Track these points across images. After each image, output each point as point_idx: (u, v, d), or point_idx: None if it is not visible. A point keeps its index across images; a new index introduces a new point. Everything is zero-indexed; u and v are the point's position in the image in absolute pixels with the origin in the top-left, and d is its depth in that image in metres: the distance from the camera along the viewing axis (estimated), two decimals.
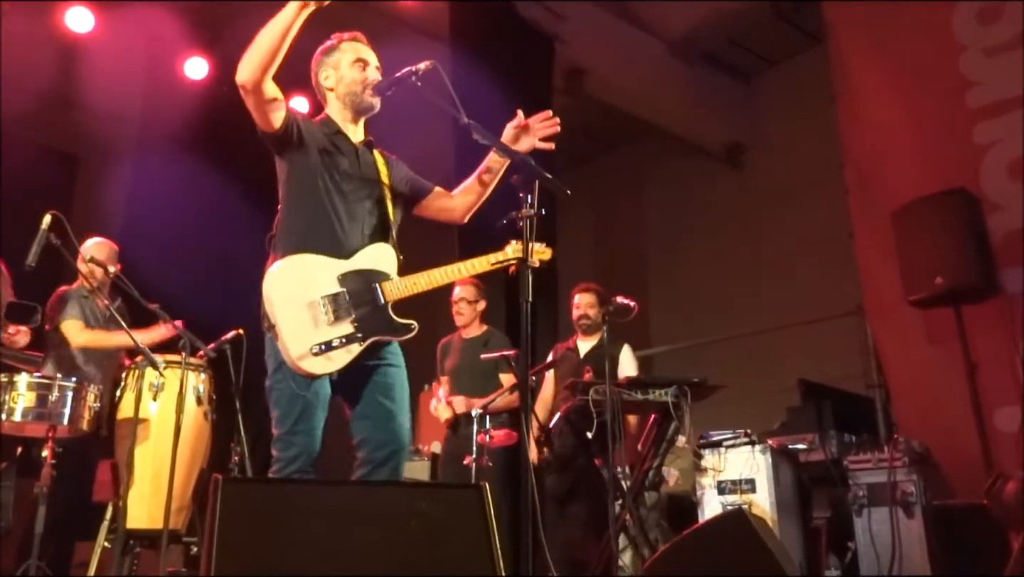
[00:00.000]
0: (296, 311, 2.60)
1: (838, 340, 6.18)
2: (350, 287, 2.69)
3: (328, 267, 2.70)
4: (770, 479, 4.28)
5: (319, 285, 2.66)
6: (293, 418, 2.60)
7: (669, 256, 8.95)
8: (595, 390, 4.07)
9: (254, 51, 2.61)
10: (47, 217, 3.42)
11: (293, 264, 2.67)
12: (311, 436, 2.61)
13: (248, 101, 2.66)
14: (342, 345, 2.62)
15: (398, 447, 2.72)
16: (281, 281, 2.64)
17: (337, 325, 2.63)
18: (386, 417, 2.72)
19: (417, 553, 1.91)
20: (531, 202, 2.46)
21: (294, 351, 2.56)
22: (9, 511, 3.79)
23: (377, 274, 2.77)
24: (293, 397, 2.60)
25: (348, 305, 2.67)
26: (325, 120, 2.93)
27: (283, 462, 2.59)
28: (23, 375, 3.51)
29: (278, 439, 2.62)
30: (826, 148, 6.46)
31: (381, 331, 2.71)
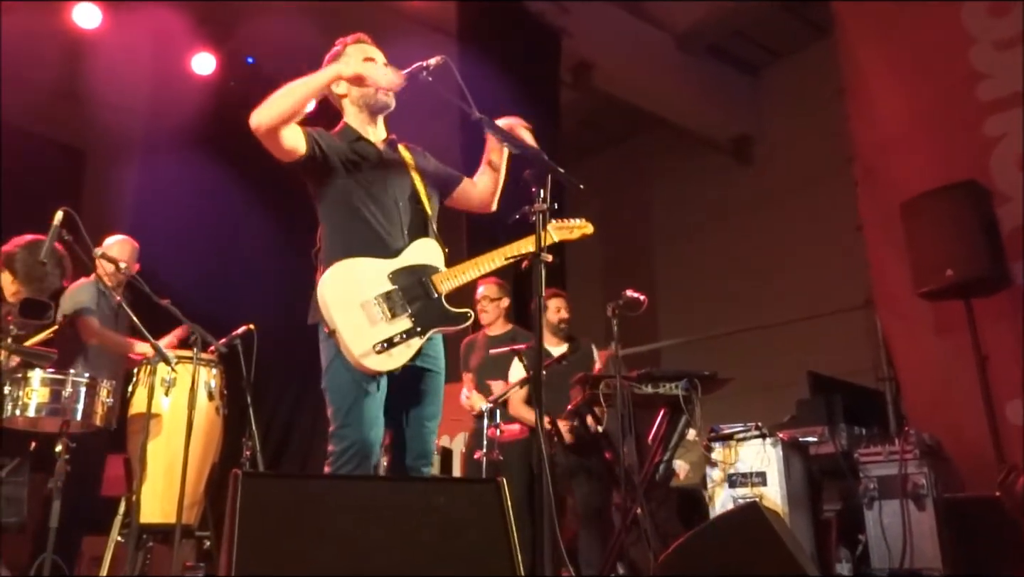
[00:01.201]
0: (352, 312, 2.63)
1: (847, 333, 6.18)
2: (401, 284, 2.72)
3: (377, 267, 2.72)
4: (781, 472, 4.27)
5: (371, 285, 2.69)
6: (344, 411, 2.62)
7: (676, 250, 8.94)
8: (605, 384, 4.07)
9: (278, 103, 2.63)
10: (59, 214, 3.43)
11: (343, 268, 2.69)
12: (363, 430, 2.61)
13: (265, 142, 2.68)
14: (403, 340, 2.64)
15: (425, 455, 2.79)
16: (333, 285, 2.66)
17: (395, 322, 2.66)
18: (419, 425, 2.79)
19: (435, 548, 1.91)
20: (544, 196, 2.46)
21: (357, 350, 2.59)
22: (23, 506, 3.80)
23: (426, 268, 2.79)
24: (346, 392, 2.63)
25: (402, 301, 2.69)
26: (343, 130, 2.93)
27: (335, 456, 2.61)
28: (37, 371, 3.51)
29: (333, 434, 2.65)
30: (834, 141, 6.46)
31: (438, 323, 2.75)
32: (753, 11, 7.63)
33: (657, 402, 4.30)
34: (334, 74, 2.77)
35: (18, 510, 3.97)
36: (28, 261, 3.82)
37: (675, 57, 8.09)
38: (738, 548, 2.45)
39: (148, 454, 3.79)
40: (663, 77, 8.07)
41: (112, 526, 3.89)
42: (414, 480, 2.47)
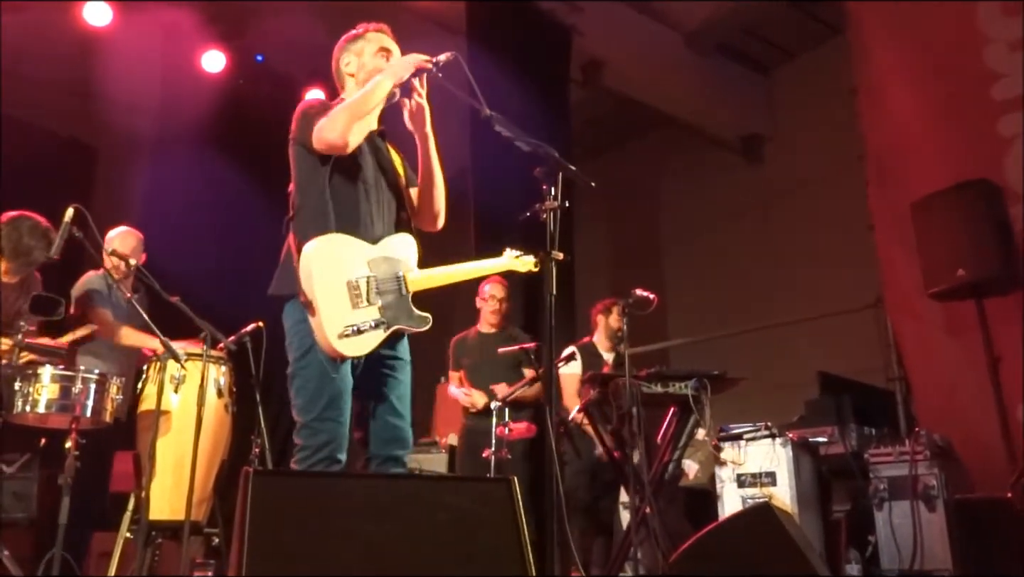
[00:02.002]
0: (334, 289, 2.58)
1: (857, 333, 6.14)
2: (378, 273, 2.69)
3: (360, 249, 2.69)
4: (791, 472, 4.25)
5: (352, 266, 2.65)
6: (322, 404, 2.56)
7: (686, 249, 8.92)
8: (615, 383, 4.06)
9: (349, 116, 2.65)
10: (70, 210, 3.43)
11: (330, 241, 2.64)
12: (340, 423, 2.57)
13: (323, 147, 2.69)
14: (370, 329, 2.60)
15: (404, 445, 2.75)
16: (320, 257, 2.60)
17: (367, 309, 2.62)
18: (393, 414, 2.74)
19: (446, 546, 1.90)
20: (554, 194, 2.45)
21: (330, 330, 2.53)
22: (33, 502, 3.82)
23: (401, 263, 2.77)
24: (322, 383, 2.57)
25: (376, 290, 2.66)
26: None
27: (309, 450, 2.54)
28: (47, 367, 3.52)
29: (304, 427, 2.58)
30: (845, 140, 6.43)
31: (402, 320, 2.71)
32: (764, 10, 7.60)
33: (666, 401, 4.29)
34: (395, 81, 2.72)
35: (27, 506, 3.98)
36: (13, 236, 3.83)
37: (685, 56, 8.06)
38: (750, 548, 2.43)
39: (157, 451, 3.79)
40: (673, 76, 8.04)
41: (121, 523, 3.89)
42: (425, 478, 2.46)
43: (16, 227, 3.85)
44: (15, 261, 3.87)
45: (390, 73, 2.74)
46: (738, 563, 2.41)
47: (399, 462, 2.71)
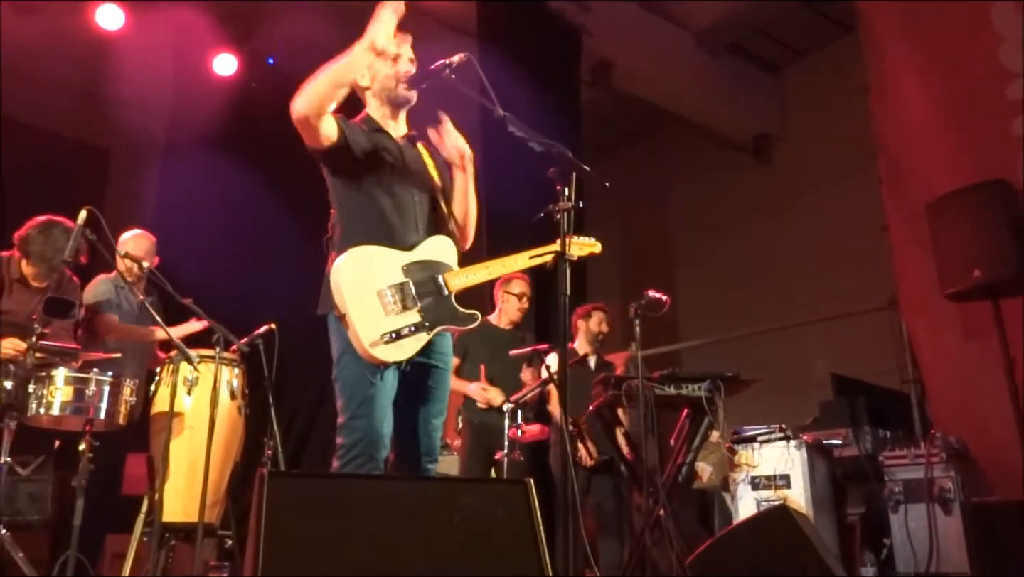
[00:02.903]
0: (365, 299, 2.61)
1: (871, 335, 6.11)
2: (414, 277, 2.71)
3: (392, 257, 2.72)
4: (805, 474, 4.24)
5: (385, 274, 2.68)
6: (356, 403, 2.61)
7: (697, 249, 8.90)
8: (627, 384, 4.04)
9: (320, 85, 2.63)
10: (83, 213, 3.44)
11: (359, 254, 2.67)
12: (372, 422, 2.60)
13: (305, 131, 2.67)
14: (411, 334, 2.63)
15: (430, 453, 2.78)
16: (349, 270, 2.64)
17: (405, 314, 2.65)
18: (425, 423, 2.77)
19: (463, 548, 1.89)
20: (569, 194, 2.44)
21: (365, 338, 2.57)
22: (48, 504, 3.83)
23: (439, 265, 2.79)
24: (357, 383, 2.62)
25: (414, 295, 2.68)
26: (365, 118, 2.93)
27: (344, 448, 2.60)
28: (60, 369, 3.53)
29: (342, 426, 2.64)
30: (857, 139, 6.40)
31: (446, 321, 2.74)
32: (774, 9, 7.57)
33: (680, 403, 4.27)
34: (367, 44, 2.71)
35: (42, 508, 3.99)
36: (39, 241, 3.85)
37: (695, 56, 8.04)
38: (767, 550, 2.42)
39: (170, 453, 3.79)
40: (683, 76, 8.03)
41: (135, 524, 3.90)
42: (441, 480, 2.45)
43: (44, 232, 3.88)
44: (41, 265, 3.88)
45: (364, 43, 2.72)
46: (756, 564, 2.40)
47: (423, 467, 2.75)
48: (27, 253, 3.90)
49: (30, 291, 3.93)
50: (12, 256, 3.94)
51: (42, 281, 3.95)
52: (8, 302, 3.88)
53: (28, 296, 3.93)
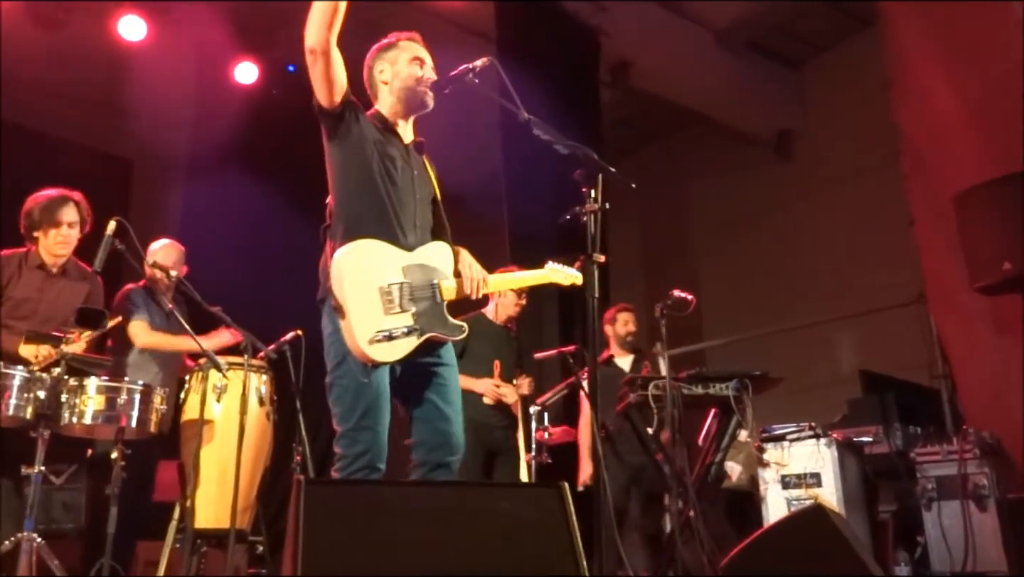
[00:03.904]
0: (365, 295, 2.57)
1: (900, 330, 6.04)
2: (412, 279, 2.68)
3: (394, 255, 2.68)
4: (836, 473, 4.20)
5: (386, 272, 2.64)
6: (359, 413, 2.55)
7: (720, 248, 8.84)
8: (654, 385, 4.03)
9: (315, 11, 2.62)
10: (112, 223, 3.48)
11: (363, 247, 2.63)
12: (377, 432, 2.56)
13: (315, 70, 2.66)
14: (402, 336, 2.59)
15: (453, 450, 2.72)
16: (352, 262, 2.60)
17: (400, 315, 2.61)
18: (442, 420, 2.72)
19: (500, 553, 1.88)
20: (595, 196, 2.43)
21: (360, 335, 2.52)
22: (81, 512, 3.86)
23: (436, 271, 2.76)
24: (358, 392, 2.56)
25: (410, 297, 2.65)
26: (376, 114, 2.92)
27: (348, 459, 2.54)
28: (92, 378, 3.56)
29: (342, 436, 2.57)
30: (880, 134, 6.33)
31: (436, 328, 2.70)
32: (793, 6, 7.52)
33: (707, 403, 4.25)
34: None
35: (76, 516, 4.04)
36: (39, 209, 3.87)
37: (714, 53, 7.99)
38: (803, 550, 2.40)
39: (201, 460, 3.83)
40: (703, 74, 7.98)
41: (167, 531, 3.93)
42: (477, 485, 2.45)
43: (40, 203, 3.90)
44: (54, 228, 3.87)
45: None
46: (793, 565, 2.38)
47: (449, 469, 2.68)
48: (36, 226, 3.90)
49: (51, 279, 3.94)
50: (29, 250, 3.94)
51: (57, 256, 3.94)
52: (24, 289, 3.87)
53: (48, 283, 3.92)
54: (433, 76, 2.90)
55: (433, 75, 2.90)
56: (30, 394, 3.40)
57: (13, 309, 3.82)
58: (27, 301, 3.86)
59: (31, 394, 3.40)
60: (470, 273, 2.82)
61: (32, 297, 3.87)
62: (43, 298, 3.89)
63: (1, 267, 3.84)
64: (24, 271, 3.88)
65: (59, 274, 3.96)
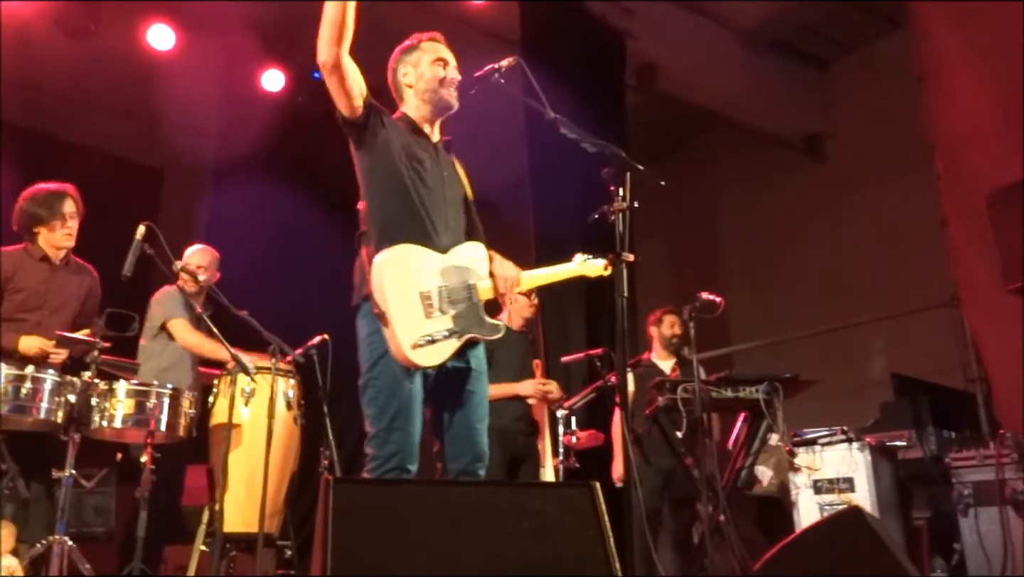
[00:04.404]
0: (407, 300, 2.58)
1: (932, 333, 5.94)
2: (449, 282, 2.68)
3: (430, 259, 2.69)
4: (870, 477, 4.12)
5: (424, 276, 2.65)
6: (391, 414, 2.57)
7: (748, 251, 8.76)
8: (683, 388, 3.99)
9: (323, 26, 2.63)
10: (141, 228, 3.52)
11: (400, 253, 2.64)
12: (408, 433, 2.57)
13: (331, 83, 2.68)
14: (444, 339, 2.60)
15: (478, 458, 2.72)
16: (392, 268, 2.61)
17: (440, 319, 2.62)
18: (468, 428, 2.73)
19: (531, 553, 1.86)
20: (623, 195, 2.41)
21: (404, 340, 2.53)
22: (111, 516, 3.89)
23: (471, 272, 2.76)
24: (391, 393, 2.57)
25: (448, 300, 2.66)
26: (402, 116, 2.92)
27: (379, 460, 2.55)
28: (121, 382, 3.59)
29: (374, 436, 2.59)
30: (911, 134, 6.24)
31: (475, 329, 2.70)
32: (819, 5, 7.44)
33: (737, 407, 4.20)
34: None
35: (106, 520, 4.07)
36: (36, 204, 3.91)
37: (741, 55, 7.93)
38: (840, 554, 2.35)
39: (229, 464, 3.84)
40: (729, 76, 7.92)
41: (196, 535, 3.95)
42: (506, 484, 2.43)
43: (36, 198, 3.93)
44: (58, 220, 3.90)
45: None
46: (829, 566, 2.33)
47: (474, 474, 2.70)
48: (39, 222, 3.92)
49: (56, 270, 3.97)
50: (26, 246, 3.96)
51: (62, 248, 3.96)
52: (30, 281, 3.88)
53: (53, 275, 3.95)
54: (457, 76, 2.90)
55: (457, 75, 2.90)
56: (61, 398, 3.43)
57: (21, 303, 3.85)
58: (35, 293, 3.88)
59: (62, 398, 3.43)
60: (504, 272, 2.82)
61: (40, 289, 3.90)
62: (50, 289, 3.92)
63: (4, 263, 3.85)
64: (28, 264, 3.91)
65: (62, 266, 3.99)
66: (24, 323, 3.81)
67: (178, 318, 4.27)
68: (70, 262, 4.03)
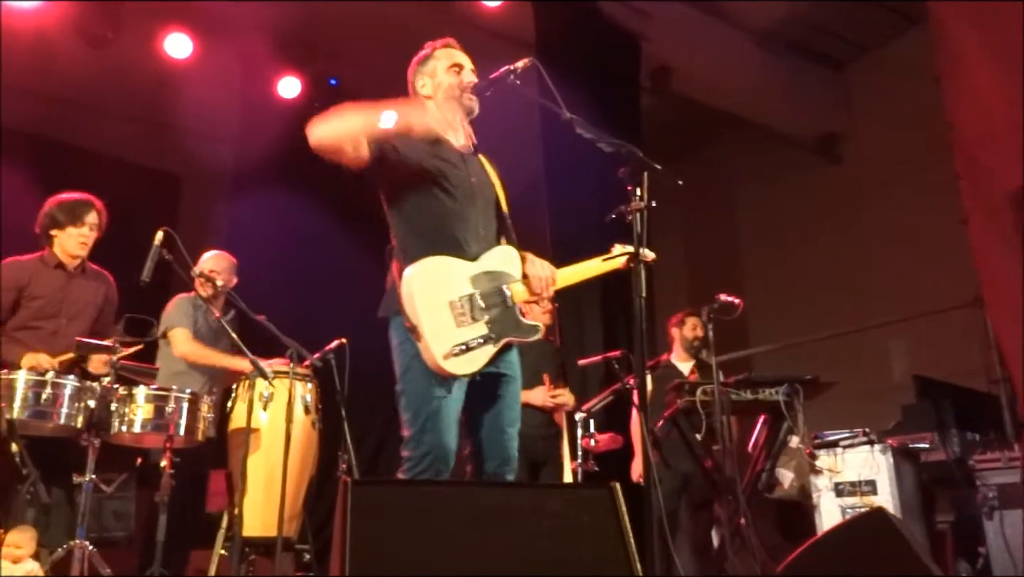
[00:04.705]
0: (436, 311, 2.59)
1: (954, 334, 5.88)
2: (481, 288, 2.69)
3: (460, 268, 2.70)
4: (892, 480, 4.08)
5: (454, 286, 2.66)
6: (424, 417, 2.59)
7: (765, 253, 8.70)
8: (702, 390, 3.96)
9: (332, 129, 2.65)
10: (159, 233, 3.54)
11: (430, 264, 2.66)
12: (440, 436, 2.58)
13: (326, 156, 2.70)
14: (479, 346, 2.61)
15: (506, 462, 2.73)
16: (420, 282, 2.62)
17: (474, 326, 2.63)
18: (499, 433, 2.74)
19: (551, 554, 1.85)
20: (640, 194, 2.39)
21: (438, 351, 2.55)
22: (131, 520, 3.91)
23: (504, 276, 2.76)
24: (425, 396, 2.60)
25: (481, 306, 2.66)
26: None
27: (412, 461, 2.58)
28: (140, 387, 3.61)
29: (409, 439, 2.62)
30: (929, 133, 6.18)
31: (511, 332, 2.72)
32: (835, 5, 7.40)
33: (757, 409, 4.17)
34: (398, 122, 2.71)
35: (126, 525, 4.08)
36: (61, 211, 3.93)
37: (756, 56, 7.90)
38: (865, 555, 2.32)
39: (248, 468, 3.85)
40: (744, 77, 7.89)
41: (216, 540, 3.96)
42: (525, 485, 2.42)
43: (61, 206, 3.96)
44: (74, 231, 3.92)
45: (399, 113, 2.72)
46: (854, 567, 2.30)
47: (503, 478, 2.71)
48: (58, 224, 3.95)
49: (71, 278, 3.98)
50: (41, 255, 3.97)
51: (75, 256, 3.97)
52: (46, 288, 3.89)
53: (69, 282, 3.96)
54: (474, 79, 2.90)
55: (474, 78, 2.90)
56: (81, 403, 3.45)
57: (38, 311, 3.85)
58: (51, 301, 3.89)
59: (82, 403, 3.45)
60: (538, 272, 2.81)
61: (56, 296, 3.90)
62: (66, 297, 3.92)
63: (15, 272, 3.86)
64: (44, 272, 3.91)
65: (78, 273, 4.00)
66: (41, 331, 3.82)
67: (178, 328, 4.28)
68: (86, 269, 4.05)
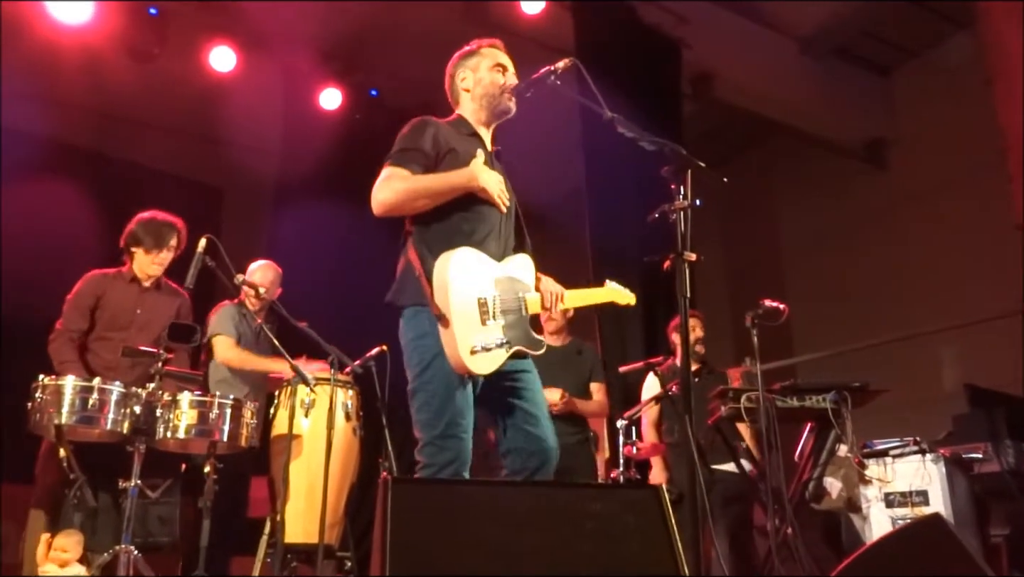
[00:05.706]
0: (466, 304, 2.53)
1: (1005, 342, 5.72)
2: (502, 292, 2.65)
3: (488, 266, 2.66)
4: (945, 491, 3.95)
5: (483, 283, 2.61)
6: (446, 420, 2.49)
7: (809, 260, 8.56)
8: (747, 397, 3.88)
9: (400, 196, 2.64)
10: (202, 241, 3.58)
11: (462, 256, 2.59)
12: (463, 440, 2.51)
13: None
14: (496, 348, 2.56)
15: (548, 454, 2.64)
16: (456, 270, 2.55)
17: (493, 327, 2.58)
18: (533, 425, 2.65)
19: (594, 556, 1.81)
20: (684, 193, 2.35)
21: (462, 345, 2.46)
22: (176, 526, 3.93)
23: (522, 284, 2.74)
24: (446, 398, 2.51)
25: (500, 310, 2.62)
26: (459, 120, 2.91)
27: (434, 468, 2.47)
28: (185, 393, 3.64)
29: (428, 444, 2.51)
30: (978, 138, 6.05)
31: (522, 342, 2.66)
32: (879, 10, 7.27)
33: (803, 416, 4.08)
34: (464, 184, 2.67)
35: (171, 530, 4.10)
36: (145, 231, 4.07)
37: (799, 62, 7.81)
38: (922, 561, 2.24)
39: (290, 474, 3.86)
40: (787, 83, 7.79)
41: (258, 546, 3.97)
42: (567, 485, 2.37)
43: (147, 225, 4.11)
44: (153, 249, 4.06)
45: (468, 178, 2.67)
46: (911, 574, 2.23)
47: (546, 471, 2.61)
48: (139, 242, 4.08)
49: (145, 292, 4.13)
50: (121, 268, 4.15)
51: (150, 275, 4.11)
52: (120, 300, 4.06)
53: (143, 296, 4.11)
54: (515, 82, 2.89)
55: (515, 81, 2.89)
56: (126, 409, 3.49)
57: (110, 321, 4.03)
58: (124, 312, 4.05)
59: (127, 409, 3.49)
60: (550, 287, 2.79)
61: (128, 308, 4.07)
62: (139, 309, 4.08)
63: (96, 283, 4.05)
64: (119, 284, 4.10)
65: (152, 288, 4.13)
66: (111, 341, 3.97)
67: (221, 335, 4.35)
68: (161, 285, 4.22)
